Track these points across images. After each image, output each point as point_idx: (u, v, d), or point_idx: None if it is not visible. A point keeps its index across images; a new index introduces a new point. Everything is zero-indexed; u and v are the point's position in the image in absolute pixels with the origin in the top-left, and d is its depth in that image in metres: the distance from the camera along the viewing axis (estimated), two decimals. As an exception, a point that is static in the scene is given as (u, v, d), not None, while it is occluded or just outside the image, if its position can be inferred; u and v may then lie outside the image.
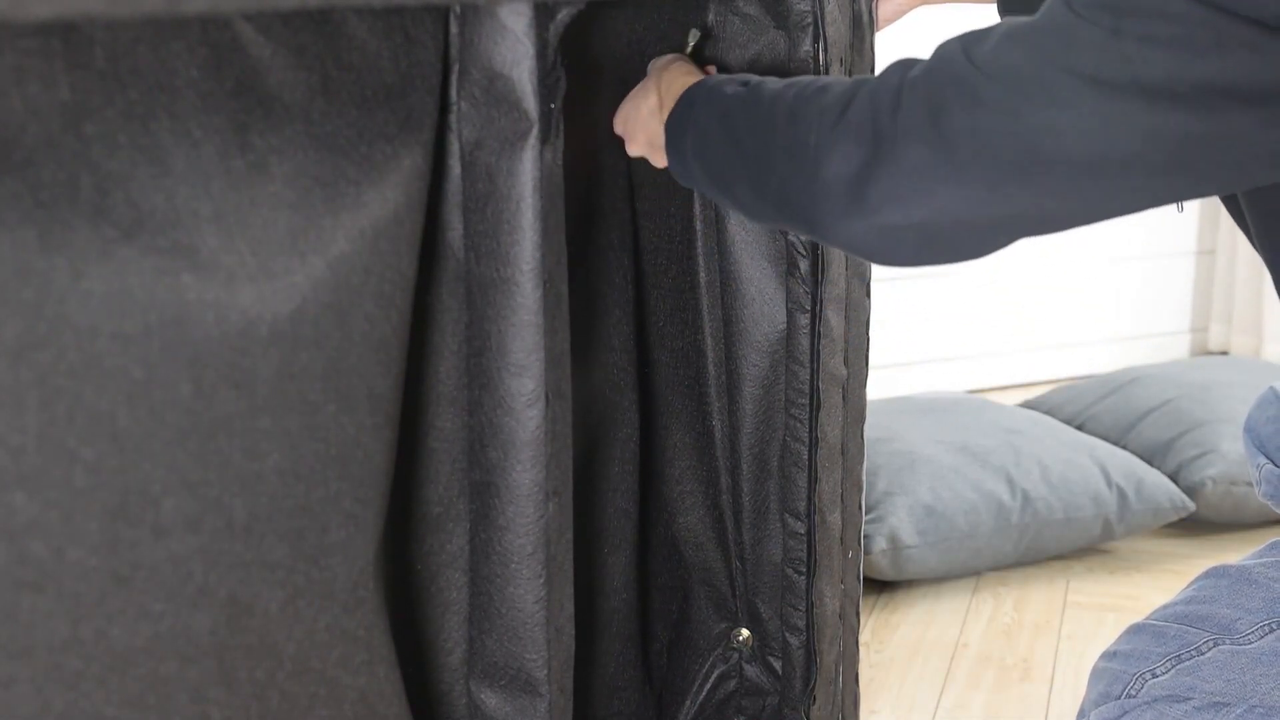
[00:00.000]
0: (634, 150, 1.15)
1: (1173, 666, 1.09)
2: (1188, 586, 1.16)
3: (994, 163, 0.84)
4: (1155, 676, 1.09)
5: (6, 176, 0.69)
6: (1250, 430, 1.42)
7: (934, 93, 0.86)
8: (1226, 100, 0.78)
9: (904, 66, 0.90)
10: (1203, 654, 1.08)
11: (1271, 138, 0.80)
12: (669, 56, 1.16)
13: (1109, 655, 1.15)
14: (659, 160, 1.12)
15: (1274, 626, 1.08)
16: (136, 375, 0.74)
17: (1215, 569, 1.16)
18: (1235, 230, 3.29)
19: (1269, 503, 1.39)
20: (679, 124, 1.04)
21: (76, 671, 0.75)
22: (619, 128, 1.17)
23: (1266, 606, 1.09)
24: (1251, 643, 1.07)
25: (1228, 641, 1.08)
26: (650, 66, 1.16)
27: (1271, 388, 1.41)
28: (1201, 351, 3.40)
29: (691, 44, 1.24)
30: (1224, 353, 3.34)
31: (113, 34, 0.74)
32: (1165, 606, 1.15)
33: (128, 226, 0.73)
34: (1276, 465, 1.37)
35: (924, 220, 0.87)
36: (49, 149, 0.71)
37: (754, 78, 1.03)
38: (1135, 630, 1.15)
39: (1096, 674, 1.16)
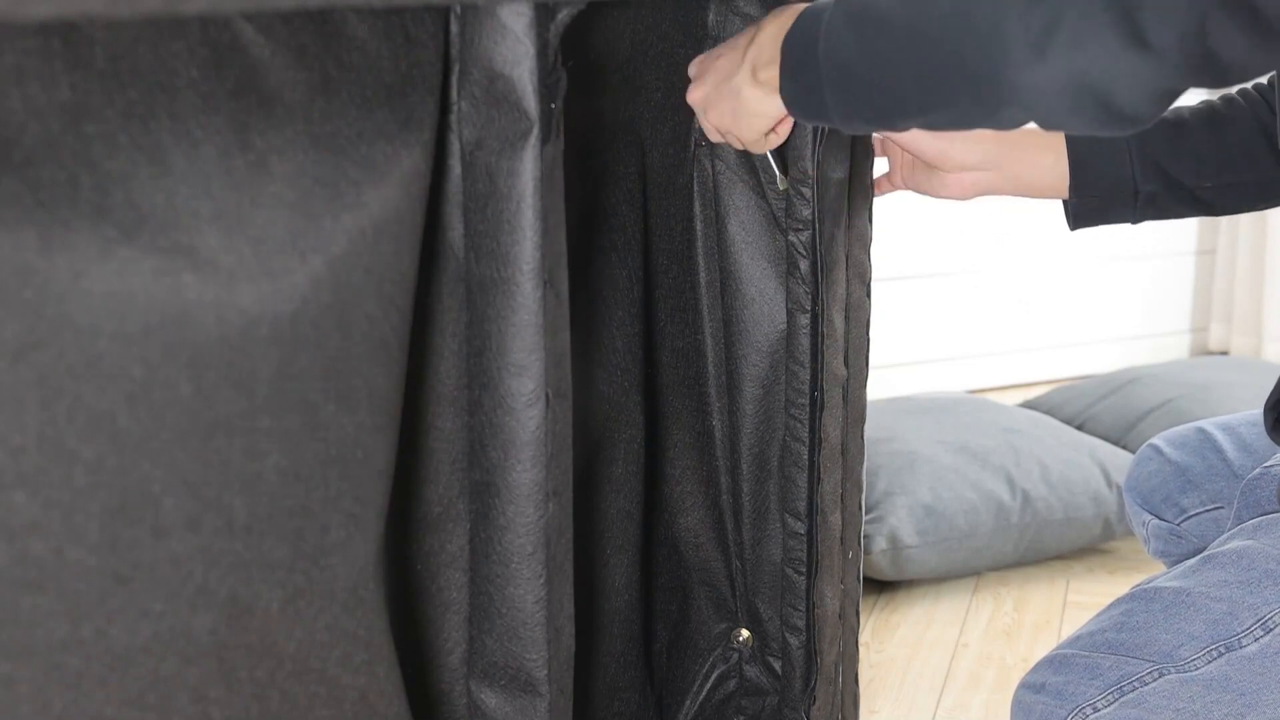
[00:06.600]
0: (696, 94, 1.11)
1: (1115, 699, 1.04)
2: (1110, 609, 1.10)
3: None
4: (1096, 710, 1.04)
5: (6, 176, 0.69)
6: (1132, 490, 1.38)
7: None
8: None
9: None
10: (1146, 684, 1.04)
11: None
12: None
13: (1034, 687, 1.09)
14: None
15: (1221, 650, 1.03)
16: (136, 375, 0.74)
17: (1142, 591, 1.09)
18: (1235, 230, 3.29)
19: (1160, 559, 1.36)
20: (802, 36, 0.97)
21: (76, 671, 0.75)
22: (694, 69, 1.13)
23: (1209, 630, 1.03)
24: (1198, 669, 1.03)
25: (1173, 670, 1.03)
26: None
27: (1149, 444, 1.39)
28: (1201, 351, 3.40)
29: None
30: (1224, 353, 3.34)
31: (113, 34, 0.74)
32: (1090, 635, 1.09)
33: (128, 226, 0.73)
34: (1162, 520, 1.33)
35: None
36: (49, 149, 0.71)
37: None
38: (1061, 662, 1.09)
39: (1022, 706, 1.10)
